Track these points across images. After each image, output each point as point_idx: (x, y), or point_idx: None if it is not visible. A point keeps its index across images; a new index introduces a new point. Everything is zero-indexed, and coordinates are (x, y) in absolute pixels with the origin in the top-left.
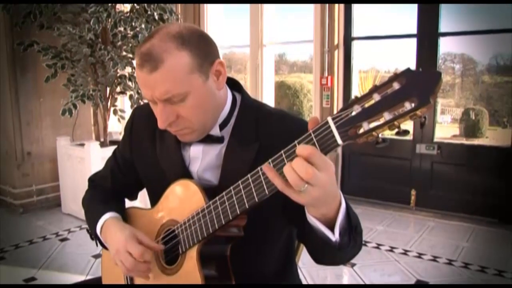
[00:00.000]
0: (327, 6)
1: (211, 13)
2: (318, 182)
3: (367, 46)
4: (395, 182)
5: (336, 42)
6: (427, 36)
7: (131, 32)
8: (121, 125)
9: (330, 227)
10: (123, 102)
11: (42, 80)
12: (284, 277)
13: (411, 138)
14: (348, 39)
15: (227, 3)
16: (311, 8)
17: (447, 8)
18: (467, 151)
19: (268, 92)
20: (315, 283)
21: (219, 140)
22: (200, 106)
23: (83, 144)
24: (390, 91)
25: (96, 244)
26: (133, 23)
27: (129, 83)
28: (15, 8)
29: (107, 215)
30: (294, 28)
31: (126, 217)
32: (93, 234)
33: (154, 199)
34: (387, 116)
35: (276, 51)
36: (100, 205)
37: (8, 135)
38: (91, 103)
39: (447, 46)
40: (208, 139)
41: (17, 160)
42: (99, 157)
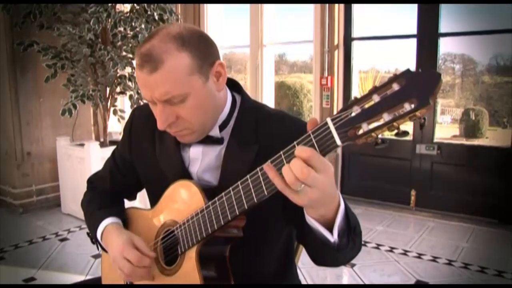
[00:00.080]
0: (327, 6)
1: (211, 13)
2: (317, 184)
3: (367, 46)
4: (395, 182)
5: (336, 42)
6: (427, 37)
7: (131, 32)
8: (121, 125)
9: (329, 228)
10: (123, 102)
11: (42, 80)
12: (283, 277)
13: (411, 138)
14: (348, 39)
15: (227, 3)
16: (311, 8)
17: (447, 8)
18: (467, 151)
19: (268, 93)
20: (315, 283)
21: (218, 141)
22: (200, 107)
23: (83, 144)
24: (390, 92)
25: (97, 248)
26: (133, 23)
27: (129, 83)
28: (15, 8)
29: (107, 221)
30: (294, 28)
31: (126, 218)
32: (94, 239)
33: (153, 199)
34: (386, 117)
35: (276, 51)
36: (100, 209)
37: (8, 135)
38: (91, 103)
39: (447, 47)
40: (207, 140)
41: (17, 160)
42: (99, 157)
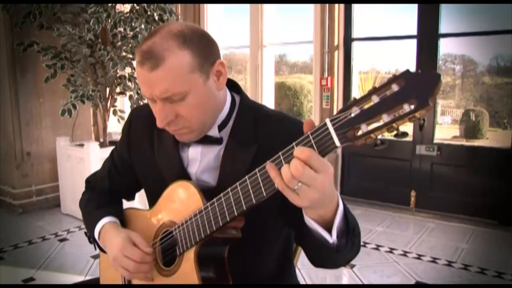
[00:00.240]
0: (327, 7)
1: (211, 13)
2: (316, 184)
3: (367, 47)
4: (395, 183)
5: (336, 43)
6: (427, 37)
7: (131, 33)
8: (120, 126)
9: (327, 229)
10: (123, 102)
11: (41, 80)
12: (282, 278)
13: (411, 139)
14: (348, 40)
15: (227, 3)
16: (311, 9)
17: (447, 8)
18: (467, 152)
19: (268, 93)
20: (314, 284)
21: (218, 141)
22: (200, 106)
23: (82, 145)
24: (389, 93)
25: (95, 248)
26: (133, 24)
27: (129, 83)
28: (15, 8)
29: (105, 220)
30: (294, 28)
31: (124, 218)
32: (91, 238)
33: (152, 200)
34: (385, 118)
35: (276, 51)
36: (97, 209)
37: (8, 135)
38: (91, 103)
39: (447, 47)
40: (206, 140)
41: (16, 160)
42: (98, 157)
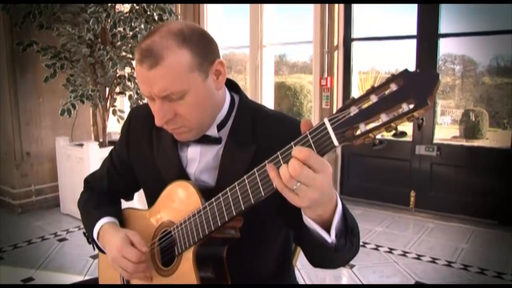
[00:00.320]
0: (327, 7)
1: (211, 13)
2: (315, 184)
3: (367, 47)
4: (395, 183)
5: (336, 43)
6: (427, 37)
7: (131, 33)
8: (120, 126)
9: (326, 229)
10: (123, 102)
11: (41, 80)
12: (281, 278)
13: (411, 139)
14: (348, 40)
15: (227, 3)
16: (311, 9)
17: (447, 8)
18: (467, 152)
19: (268, 93)
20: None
21: (217, 141)
22: (198, 105)
23: (82, 145)
24: (388, 92)
25: (94, 248)
26: (133, 24)
27: (129, 83)
28: (15, 8)
29: (104, 220)
30: (294, 28)
31: (123, 218)
32: (90, 238)
33: (151, 200)
34: (384, 117)
35: (276, 51)
36: (96, 209)
37: (7, 135)
38: (90, 103)
39: (447, 47)
40: (205, 139)
41: (16, 160)
42: (98, 157)
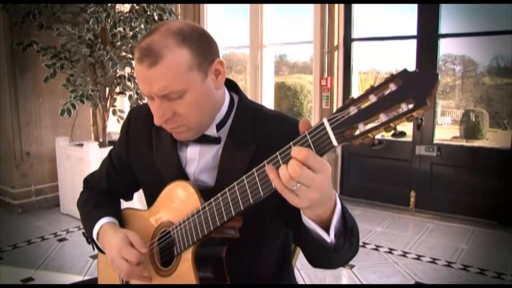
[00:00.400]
0: (327, 7)
1: (211, 13)
2: (315, 184)
3: (367, 47)
4: (395, 183)
5: (336, 43)
6: (427, 37)
7: (131, 33)
8: (120, 126)
9: (325, 229)
10: (122, 102)
11: (41, 80)
12: (280, 278)
13: (411, 139)
14: (348, 40)
15: (227, 3)
16: (311, 9)
17: (447, 9)
18: (467, 153)
19: (268, 93)
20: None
21: (216, 140)
22: (197, 104)
23: (82, 145)
24: (387, 92)
25: (93, 248)
26: (133, 24)
27: (128, 83)
28: (15, 8)
29: (103, 221)
30: (294, 29)
31: (122, 218)
32: (89, 239)
33: (150, 200)
34: (383, 117)
35: (276, 52)
36: (96, 209)
37: (7, 135)
38: (90, 103)
39: (448, 48)
40: (204, 139)
41: (16, 160)
42: (98, 157)
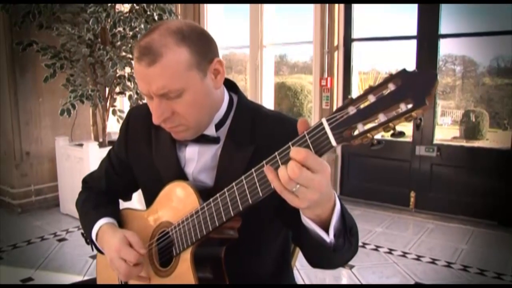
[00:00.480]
0: (327, 7)
1: (211, 13)
2: (314, 184)
3: (367, 47)
4: (395, 184)
5: (336, 43)
6: (427, 38)
7: (131, 33)
8: (120, 126)
9: (324, 228)
10: (122, 102)
11: (41, 80)
12: (279, 278)
13: (411, 139)
14: (348, 40)
15: (227, 3)
16: (311, 9)
17: (447, 9)
18: (467, 153)
19: (268, 93)
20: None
21: (215, 140)
22: (196, 104)
23: (81, 144)
24: (386, 92)
25: (92, 249)
26: (133, 23)
27: (128, 83)
28: (14, 8)
29: (102, 221)
30: (294, 29)
31: (121, 219)
32: (88, 239)
33: (149, 200)
34: (382, 117)
35: (276, 52)
36: (94, 209)
37: (7, 135)
38: (90, 103)
39: (448, 48)
40: (203, 139)
41: (15, 160)
42: (97, 157)
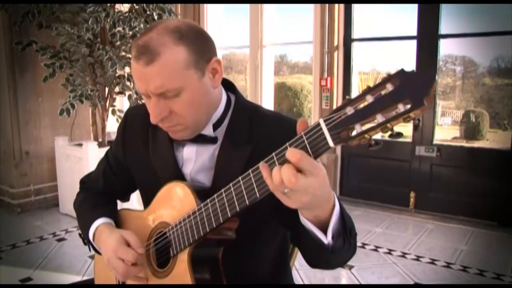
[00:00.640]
0: (327, 7)
1: (211, 13)
2: (307, 188)
3: (367, 47)
4: (394, 184)
5: (336, 43)
6: (427, 38)
7: (130, 32)
8: None
9: (323, 230)
10: (122, 102)
11: (40, 79)
12: (278, 278)
13: (411, 140)
14: (348, 40)
15: (227, 3)
16: (311, 9)
17: (448, 9)
18: (467, 153)
19: (268, 93)
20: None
21: (212, 140)
22: (194, 103)
23: (81, 144)
24: (384, 92)
25: (89, 249)
26: (132, 23)
27: (128, 83)
28: (14, 8)
29: (99, 221)
30: (294, 29)
31: (119, 219)
32: (86, 239)
33: (147, 200)
34: (380, 118)
35: (277, 52)
36: (92, 210)
37: (7, 135)
38: (89, 103)
39: (448, 48)
40: (201, 139)
41: (15, 159)
42: (97, 157)
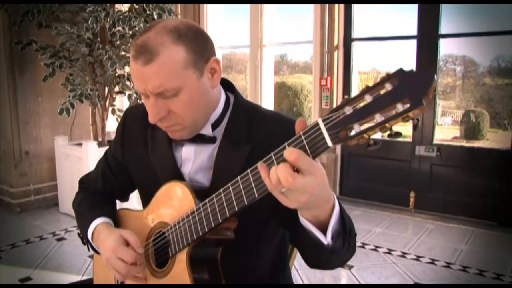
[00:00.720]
0: (327, 7)
1: (211, 13)
2: (304, 187)
3: (367, 47)
4: (394, 184)
5: (336, 43)
6: (427, 38)
7: (130, 32)
8: None
9: (322, 230)
10: (122, 101)
11: (40, 79)
12: (277, 278)
13: (411, 139)
14: (348, 40)
15: (227, 3)
16: (311, 9)
17: (448, 9)
18: (467, 153)
19: (268, 93)
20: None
21: (211, 140)
22: (192, 103)
23: (81, 144)
24: (382, 92)
25: (88, 249)
26: (132, 23)
27: (128, 82)
28: (13, 7)
29: (98, 221)
30: (294, 28)
31: (118, 219)
32: (84, 239)
33: (146, 200)
34: (378, 118)
35: (276, 51)
36: (90, 210)
37: (6, 134)
38: (89, 102)
39: (448, 48)
40: (200, 139)
41: (15, 159)
42: (96, 156)
